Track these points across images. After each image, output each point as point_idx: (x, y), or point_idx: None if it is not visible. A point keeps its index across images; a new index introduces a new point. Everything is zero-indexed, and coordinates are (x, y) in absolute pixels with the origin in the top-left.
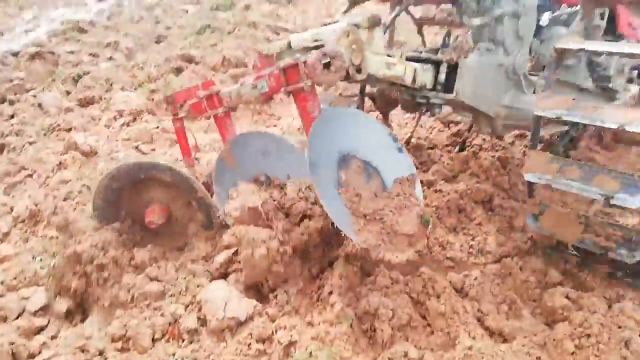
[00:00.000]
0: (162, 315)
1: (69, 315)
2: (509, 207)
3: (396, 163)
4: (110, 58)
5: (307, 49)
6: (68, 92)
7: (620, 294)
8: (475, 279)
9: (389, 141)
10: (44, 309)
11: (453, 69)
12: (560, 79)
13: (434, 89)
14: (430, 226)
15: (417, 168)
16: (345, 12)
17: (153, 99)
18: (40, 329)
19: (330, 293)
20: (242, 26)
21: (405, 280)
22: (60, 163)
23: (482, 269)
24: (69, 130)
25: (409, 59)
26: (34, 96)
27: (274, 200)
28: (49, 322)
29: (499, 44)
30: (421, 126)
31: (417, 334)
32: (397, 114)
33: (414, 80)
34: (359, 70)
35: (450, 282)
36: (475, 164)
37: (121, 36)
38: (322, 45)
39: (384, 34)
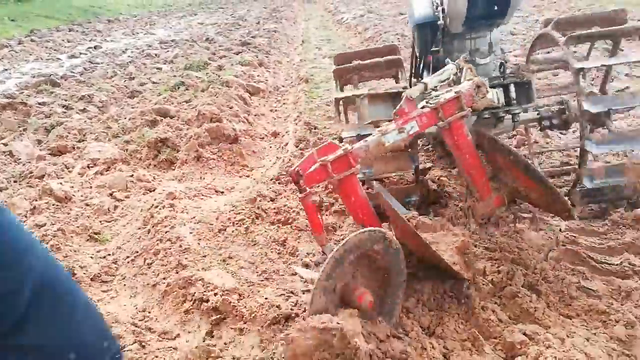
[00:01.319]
0: None
1: None
2: None
3: None
4: (84, 110)
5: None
6: (40, 141)
7: (572, 330)
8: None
9: None
10: None
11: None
12: None
13: (508, 104)
14: None
15: None
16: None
17: (127, 150)
18: None
19: None
20: (215, 84)
21: None
22: (34, 208)
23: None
24: (42, 177)
25: None
26: (5, 144)
27: None
28: None
29: None
30: None
31: None
32: None
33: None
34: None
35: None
36: None
37: (94, 90)
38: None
39: None
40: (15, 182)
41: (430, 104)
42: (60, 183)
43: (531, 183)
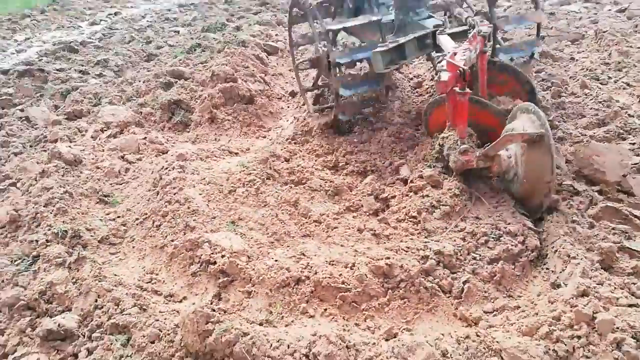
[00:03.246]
0: None
1: None
2: None
3: None
4: (100, 75)
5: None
6: (56, 107)
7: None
8: None
9: None
10: None
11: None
12: None
13: None
14: None
15: None
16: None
17: (141, 112)
18: None
19: None
20: (231, 45)
21: None
22: (43, 171)
23: None
24: (55, 141)
25: None
26: (22, 110)
27: None
28: None
29: None
30: None
31: None
32: None
33: None
34: None
35: None
36: None
37: (111, 55)
38: None
39: None
40: (30, 146)
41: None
42: (70, 146)
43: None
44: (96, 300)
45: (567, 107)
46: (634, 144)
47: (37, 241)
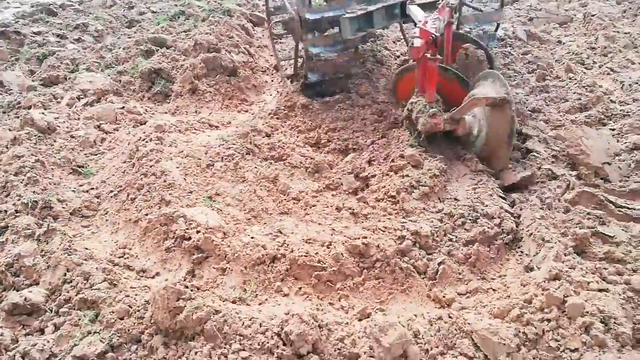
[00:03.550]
0: None
1: None
2: None
3: None
4: (78, 40)
5: None
6: (32, 72)
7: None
8: None
9: None
10: None
11: None
12: None
13: None
14: None
15: None
16: None
17: (120, 81)
18: None
19: None
20: (216, 13)
21: None
22: (14, 139)
23: None
24: (29, 108)
25: None
26: None
27: None
28: None
29: None
30: None
31: None
32: None
33: None
34: None
35: None
36: None
37: (91, 19)
38: None
39: None
40: (3, 112)
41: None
42: (44, 113)
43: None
44: (65, 274)
45: (551, 91)
46: (613, 129)
47: (5, 211)
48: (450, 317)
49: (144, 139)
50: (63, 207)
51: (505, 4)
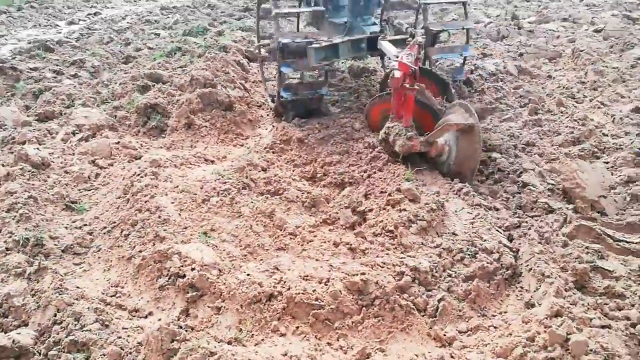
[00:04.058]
0: None
1: None
2: None
3: None
4: (75, 75)
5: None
6: (27, 107)
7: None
8: None
9: None
10: None
11: None
12: None
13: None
14: None
15: None
16: None
17: (115, 116)
18: None
19: None
20: (212, 50)
21: None
22: (8, 174)
23: None
24: (24, 143)
25: None
26: None
27: None
28: None
29: None
30: None
31: None
32: None
33: None
34: None
35: None
36: None
37: (88, 55)
38: None
39: None
40: None
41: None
42: (38, 149)
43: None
44: (55, 315)
45: (544, 124)
46: (607, 162)
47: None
48: (452, 357)
49: (138, 174)
50: (55, 244)
51: (495, 40)
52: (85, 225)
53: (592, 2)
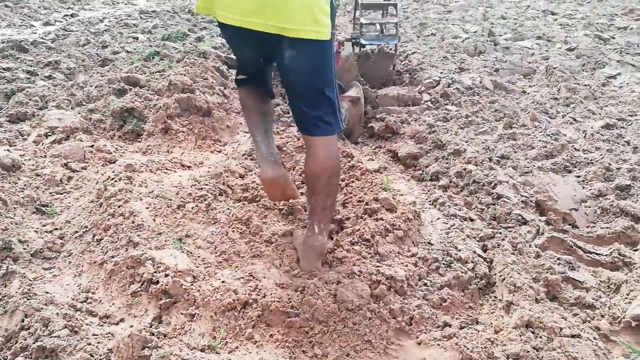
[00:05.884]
0: None
1: None
2: None
3: None
4: (49, 77)
5: None
6: None
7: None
8: None
9: None
10: None
11: None
12: None
13: None
14: None
15: None
16: None
17: (90, 119)
18: None
19: None
20: (191, 55)
21: None
22: None
23: None
24: None
25: None
26: None
27: None
28: None
29: None
30: None
31: None
32: None
33: None
34: None
35: None
36: None
37: (63, 57)
38: None
39: None
40: None
41: None
42: (9, 150)
43: None
44: (23, 320)
45: (518, 138)
46: (578, 176)
47: None
48: None
49: (113, 178)
50: (24, 248)
51: (472, 55)
52: (56, 229)
53: (565, 22)
